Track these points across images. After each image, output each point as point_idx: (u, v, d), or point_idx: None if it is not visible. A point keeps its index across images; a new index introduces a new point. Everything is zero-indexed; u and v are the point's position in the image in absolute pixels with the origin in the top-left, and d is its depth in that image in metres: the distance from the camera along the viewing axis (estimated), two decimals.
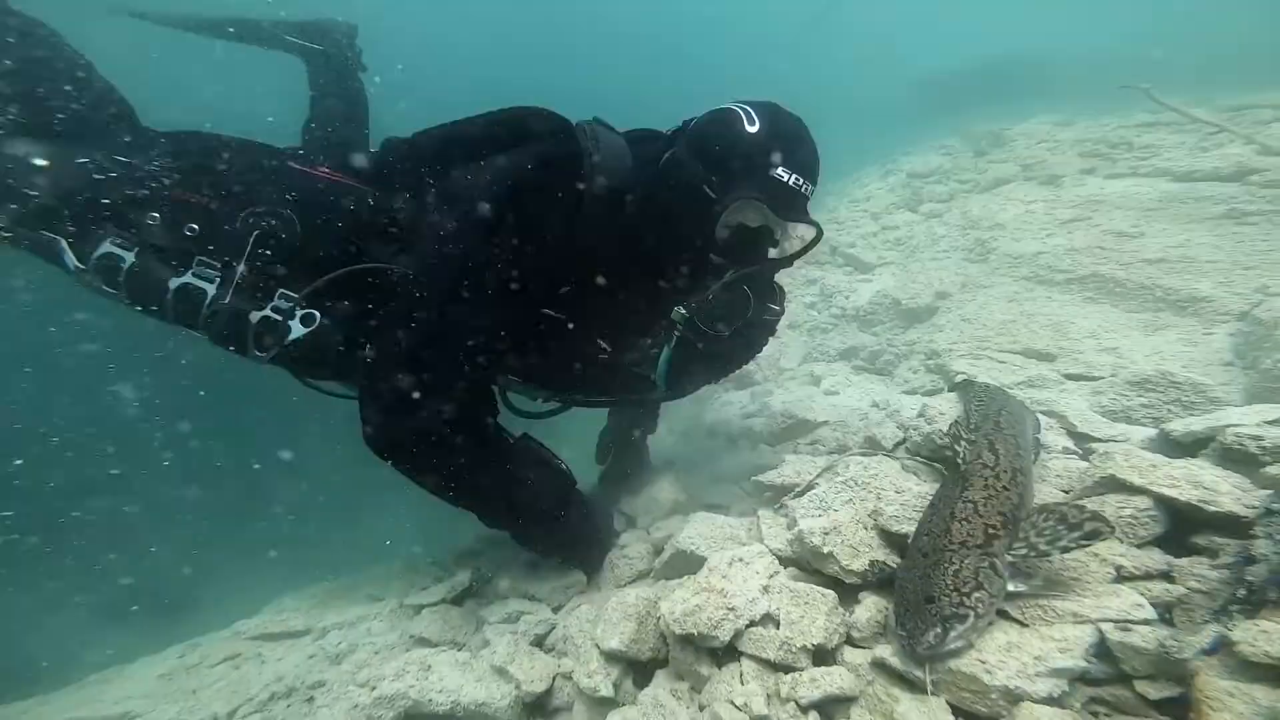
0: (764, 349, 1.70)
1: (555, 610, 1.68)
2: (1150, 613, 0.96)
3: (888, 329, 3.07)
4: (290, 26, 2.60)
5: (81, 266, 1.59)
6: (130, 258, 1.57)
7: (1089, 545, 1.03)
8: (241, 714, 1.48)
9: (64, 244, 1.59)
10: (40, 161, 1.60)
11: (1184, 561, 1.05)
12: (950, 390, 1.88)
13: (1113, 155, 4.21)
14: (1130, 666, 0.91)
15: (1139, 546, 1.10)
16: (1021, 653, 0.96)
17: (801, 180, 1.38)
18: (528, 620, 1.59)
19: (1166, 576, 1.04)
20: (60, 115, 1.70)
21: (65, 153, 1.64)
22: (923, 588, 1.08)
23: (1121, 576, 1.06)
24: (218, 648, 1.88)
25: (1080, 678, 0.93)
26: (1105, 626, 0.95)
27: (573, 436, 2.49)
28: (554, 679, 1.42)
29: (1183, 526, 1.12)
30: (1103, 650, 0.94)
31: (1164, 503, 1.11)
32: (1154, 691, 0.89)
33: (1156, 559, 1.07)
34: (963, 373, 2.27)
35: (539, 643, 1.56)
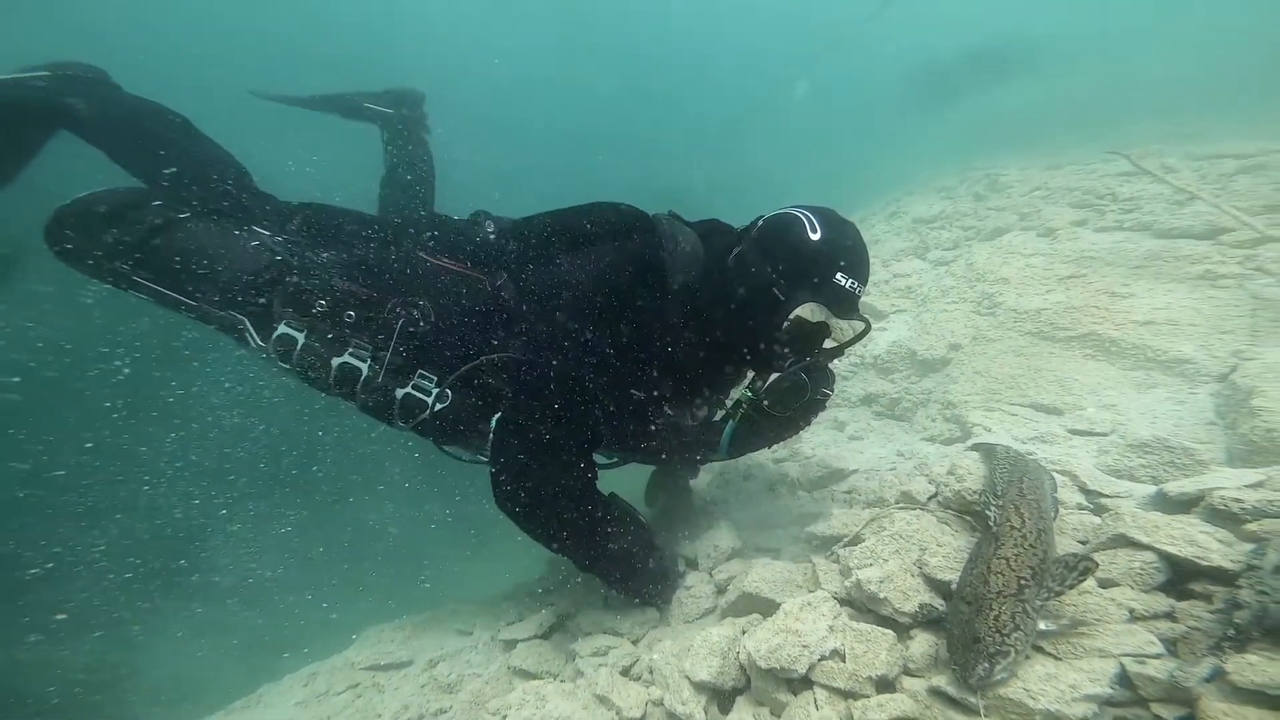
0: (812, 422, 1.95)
1: (635, 643, 1.90)
2: (1160, 648, 1.21)
3: (904, 377, 3.35)
4: (368, 95, 2.97)
5: (262, 345, 1.84)
6: (301, 338, 1.82)
7: (1085, 579, 1.30)
8: None
9: (248, 323, 1.84)
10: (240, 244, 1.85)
11: (1184, 605, 1.30)
12: (971, 449, 2.14)
13: (1100, 206, 4.55)
14: (1146, 691, 1.15)
15: (1147, 592, 1.35)
16: (1059, 682, 1.20)
17: (857, 284, 1.65)
18: (615, 654, 1.81)
19: (1170, 617, 1.29)
20: (225, 196, 1.97)
21: (237, 234, 1.91)
22: (969, 631, 1.32)
23: (1135, 618, 1.31)
24: (337, 677, 2.07)
25: (1107, 701, 1.17)
26: (1125, 660, 1.19)
27: (613, 478, 2.74)
28: (646, 705, 1.63)
29: (1182, 575, 1.37)
30: (1124, 679, 1.18)
31: (1166, 557, 1.36)
32: (1166, 713, 1.13)
33: (1162, 603, 1.32)
34: (979, 424, 2.54)
35: (626, 672, 1.77)
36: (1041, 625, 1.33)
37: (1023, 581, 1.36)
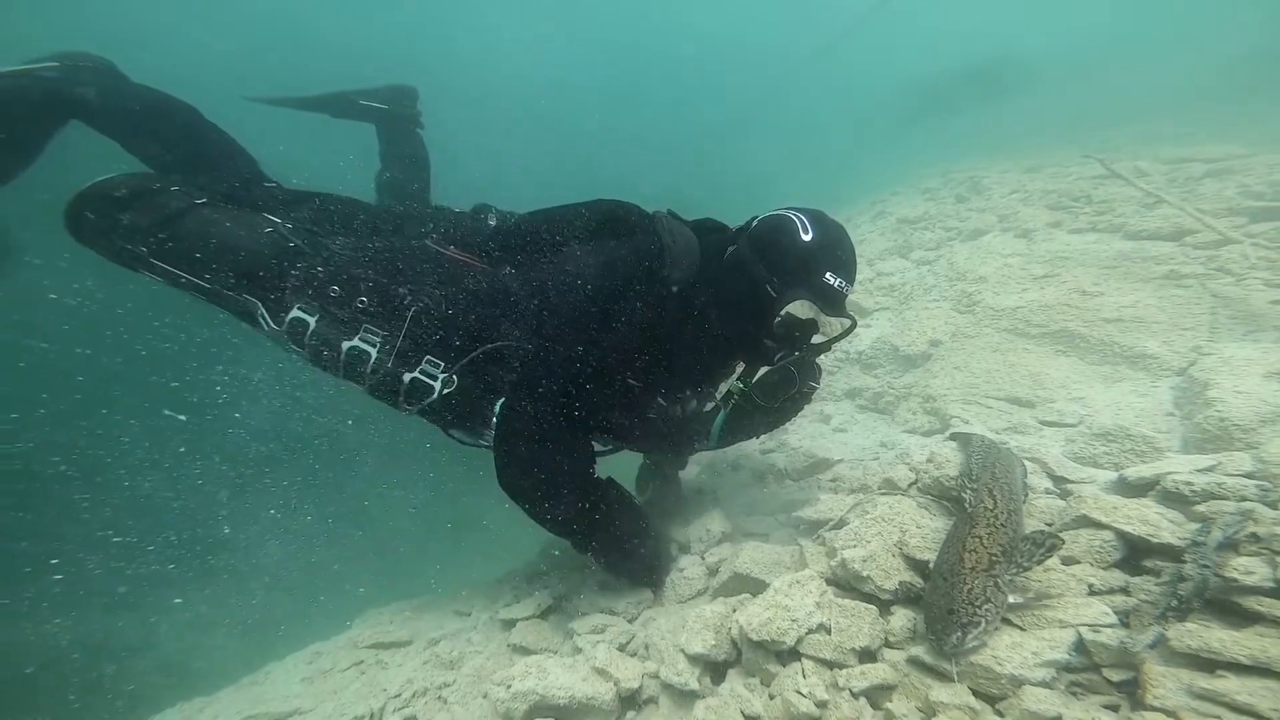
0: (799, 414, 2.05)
1: (630, 622, 1.99)
2: (1113, 619, 1.33)
3: (887, 372, 3.47)
4: (363, 93, 2.98)
5: (276, 328, 1.88)
6: (313, 322, 1.87)
7: (1051, 556, 1.42)
8: (391, 709, 1.76)
9: (261, 307, 1.88)
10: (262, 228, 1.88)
11: (1137, 579, 1.42)
12: (949, 439, 2.26)
13: (1075, 209, 4.73)
14: (1099, 658, 1.27)
15: (1105, 569, 1.47)
16: (1023, 649, 1.32)
17: (845, 283, 1.75)
18: (612, 631, 1.90)
19: (1124, 591, 1.41)
20: (236, 183, 2.00)
21: (253, 219, 1.94)
22: (945, 603, 1.43)
23: (1093, 592, 1.43)
24: (341, 655, 2.14)
25: (1065, 667, 1.29)
26: (1082, 630, 1.31)
27: (606, 466, 2.83)
28: (643, 677, 1.72)
29: (1136, 553, 1.49)
30: (1080, 646, 1.30)
31: (1122, 536, 1.49)
32: (1115, 675, 1.25)
33: (1117, 578, 1.44)
34: (957, 417, 2.67)
35: (623, 649, 1.86)
36: (1010, 598, 1.44)
37: (994, 558, 1.47)
